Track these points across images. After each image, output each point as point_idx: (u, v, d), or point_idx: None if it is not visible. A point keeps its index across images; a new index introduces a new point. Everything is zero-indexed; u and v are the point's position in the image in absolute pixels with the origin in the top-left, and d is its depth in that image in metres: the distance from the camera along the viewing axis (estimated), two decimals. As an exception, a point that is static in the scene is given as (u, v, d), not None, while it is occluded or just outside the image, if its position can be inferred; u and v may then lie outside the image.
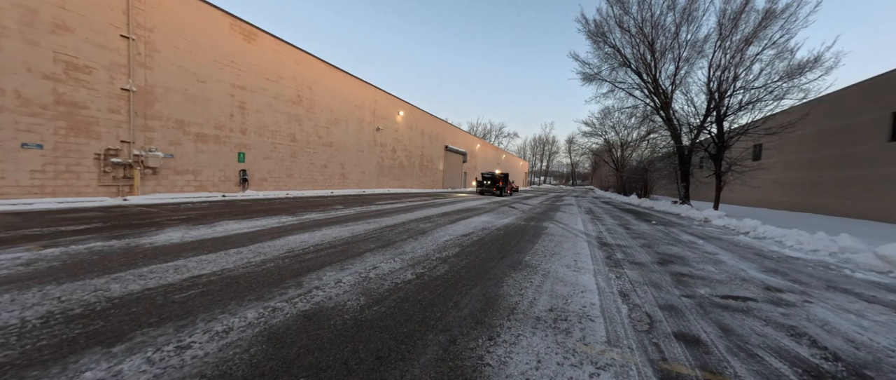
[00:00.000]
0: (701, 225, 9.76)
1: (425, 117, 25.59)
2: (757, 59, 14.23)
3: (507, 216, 9.73)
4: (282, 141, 13.15)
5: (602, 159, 50.76)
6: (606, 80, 19.22)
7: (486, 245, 5.30)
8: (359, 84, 17.42)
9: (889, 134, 12.65)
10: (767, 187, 19.27)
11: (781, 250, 5.88)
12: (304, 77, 13.91)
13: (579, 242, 5.90)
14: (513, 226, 7.69)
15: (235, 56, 11.05)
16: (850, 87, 14.68)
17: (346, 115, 16.58)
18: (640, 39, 17.43)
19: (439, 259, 4.24)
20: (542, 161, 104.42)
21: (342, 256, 4.14)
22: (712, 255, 5.31)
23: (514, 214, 10.62)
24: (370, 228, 6.27)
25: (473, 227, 7.22)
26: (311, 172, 14.60)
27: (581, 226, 8.27)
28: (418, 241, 5.37)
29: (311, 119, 14.52)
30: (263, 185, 12.38)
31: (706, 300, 3.11)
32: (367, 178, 18.55)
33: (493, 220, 8.69)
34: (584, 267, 4.18)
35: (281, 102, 12.99)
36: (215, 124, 10.61)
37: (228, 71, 10.88)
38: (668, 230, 8.19)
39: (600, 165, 60.13)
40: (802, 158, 17.25)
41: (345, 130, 16.62)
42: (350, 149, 17.08)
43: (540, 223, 8.45)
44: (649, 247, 5.76)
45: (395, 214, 8.60)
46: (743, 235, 7.59)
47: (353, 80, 16.94)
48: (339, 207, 9.46)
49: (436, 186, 28.23)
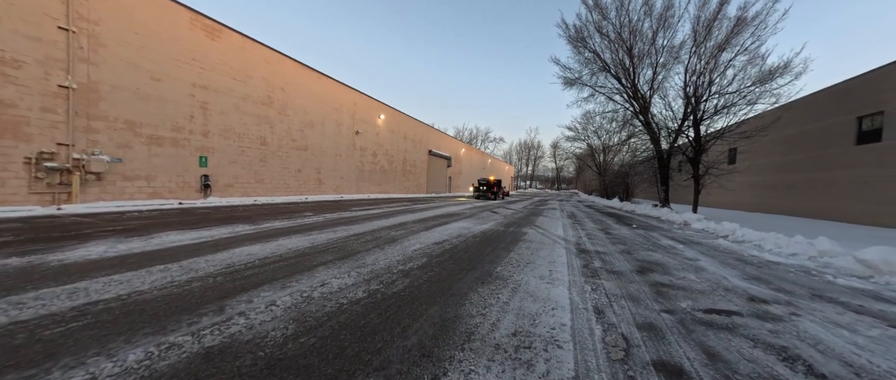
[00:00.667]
0: (681, 229, 9.68)
1: (408, 121, 25.17)
2: (730, 64, 14.54)
3: (486, 222, 9.39)
4: (250, 144, 12.44)
5: (585, 164, 51.59)
6: (587, 84, 19.35)
7: (458, 254, 4.91)
8: (336, 86, 16.86)
9: (855, 137, 13.07)
10: (742, 190, 19.74)
11: (761, 255, 5.74)
12: (276, 77, 13.27)
13: (557, 250, 5.59)
14: (491, 232, 7.34)
15: (197, 53, 10.36)
16: (818, 93, 15.19)
17: (322, 117, 15.97)
18: (618, 44, 17.63)
19: (401, 272, 3.82)
20: (527, 166, 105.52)
21: (290, 271, 3.66)
22: (693, 261, 5.08)
23: (494, 219, 10.30)
24: (335, 237, 5.78)
25: (449, 234, 6.82)
26: (284, 177, 13.90)
27: (561, 231, 8.00)
28: (384, 251, 4.93)
29: (284, 121, 13.86)
30: (229, 191, 11.63)
31: (688, 316, 2.80)
32: (345, 183, 17.92)
33: (471, 226, 8.33)
34: (559, 278, 3.83)
35: (249, 104, 12.31)
36: (173, 126, 9.86)
37: (188, 69, 10.17)
38: (649, 235, 8.02)
39: (584, 170, 61.10)
40: (775, 162, 17.75)
41: (321, 133, 16.00)
42: (327, 153, 16.45)
43: (520, 229, 8.14)
44: (629, 253, 5.50)
45: (367, 222, 8.12)
46: (722, 239, 7.49)
47: (329, 82, 16.38)
48: (309, 215, 8.90)
49: (419, 191, 27.76)
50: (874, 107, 12.17)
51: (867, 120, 12.64)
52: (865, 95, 12.61)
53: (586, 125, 39.84)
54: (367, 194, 19.59)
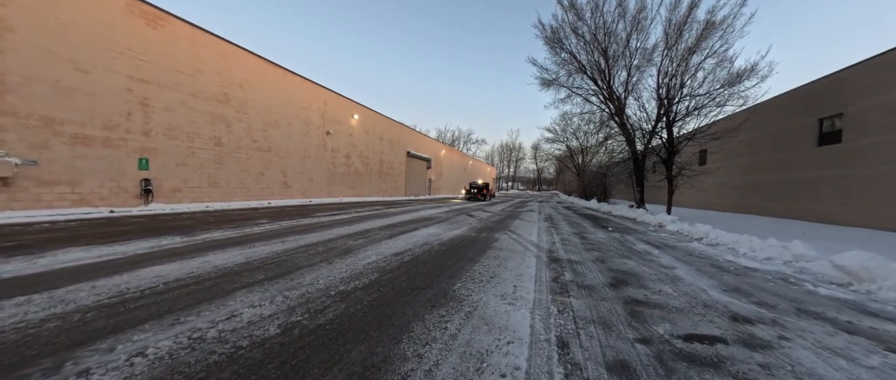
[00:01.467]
0: (656, 231, 9.52)
1: (384, 122, 24.41)
2: (700, 67, 14.76)
3: (459, 226, 8.89)
4: (202, 145, 11.40)
5: (565, 165, 52.35)
6: (564, 85, 19.31)
7: (416, 268, 4.35)
8: (303, 84, 15.93)
9: (817, 139, 13.49)
10: (712, 190, 20.24)
11: (737, 260, 5.50)
12: (233, 73, 12.27)
13: (527, 259, 5.13)
14: (460, 238, 6.82)
15: (135, 43, 9.28)
16: (782, 95, 15.68)
17: (288, 117, 15.02)
18: (594, 46, 17.65)
19: (339, 295, 3.22)
20: (509, 167, 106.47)
21: (198, 298, 2.99)
22: (669, 269, 4.74)
23: (469, 223, 9.81)
24: (279, 250, 5.09)
25: (414, 242, 6.25)
26: (244, 180, 12.89)
27: (535, 236, 7.60)
28: (331, 266, 4.31)
29: (243, 120, 12.86)
30: (177, 196, 10.56)
31: (667, 347, 2.36)
32: (315, 186, 16.98)
33: (441, 232, 7.79)
34: (523, 297, 3.34)
35: (201, 100, 11.28)
36: (104, 124, 8.76)
37: (124, 60, 9.08)
38: (624, 238, 7.74)
39: (563, 171, 62.08)
40: (743, 163, 18.25)
41: (287, 133, 15.04)
42: (294, 154, 15.49)
43: (492, 234, 7.67)
44: (603, 262, 5.11)
45: (327, 229, 7.42)
46: (697, 242, 7.30)
47: (295, 79, 15.43)
48: (262, 222, 8.09)
49: (397, 193, 27.01)
50: (835, 109, 12.58)
51: (828, 122, 13.07)
52: (827, 97, 13.03)
53: (565, 127, 40.39)
54: (339, 198, 18.70)
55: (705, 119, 14.02)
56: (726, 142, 15.15)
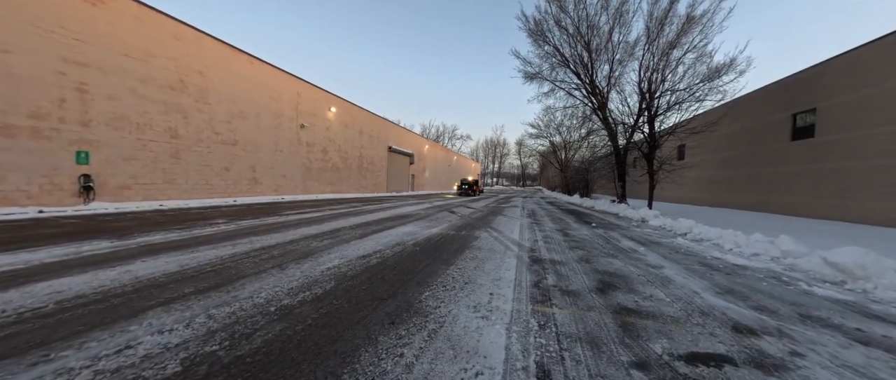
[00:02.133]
0: (639, 226, 9.34)
1: (364, 115, 23.53)
2: (681, 61, 14.77)
3: (439, 224, 8.40)
4: (155, 137, 10.36)
5: (548, 161, 52.75)
6: (547, 79, 19.06)
7: (382, 273, 3.83)
8: (273, 73, 14.90)
9: (790, 133, 13.75)
10: (691, 185, 20.58)
11: (724, 256, 5.26)
12: (190, 58, 11.20)
13: (507, 260, 4.70)
14: (437, 238, 6.33)
15: (69, 20, 8.18)
16: (757, 91, 15.94)
17: (257, 108, 14.02)
18: (577, 39, 17.44)
19: (279, 311, 2.67)
20: (494, 163, 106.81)
21: (92, 322, 2.37)
22: (657, 269, 4.41)
23: (450, 220, 9.34)
24: (227, 255, 4.45)
25: (385, 242, 5.72)
26: (206, 176, 11.90)
27: (517, 234, 7.20)
28: (284, 273, 3.73)
29: (205, 111, 11.84)
30: (125, 194, 9.55)
31: (668, 375, 1.94)
32: (288, 182, 16.06)
33: (418, 230, 7.28)
34: (499, 308, 2.89)
35: (152, 88, 10.22)
36: (31, 112, 7.68)
37: (55, 40, 7.97)
38: (608, 235, 7.47)
39: (547, 167, 62.66)
40: (721, 157, 18.58)
41: (255, 125, 14.06)
42: (264, 148, 14.53)
43: (472, 232, 7.22)
44: (588, 262, 4.74)
45: (292, 229, 6.77)
46: (681, 238, 7.09)
47: (264, 67, 14.41)
48: (220, 222, 7.33)
49: (379, 189, 26.24)
50: (808, 104, 12.81)
51: (801, 116, 13.32)
52: (800, 92, 13.26)
53: (548, 123, 40.53)
54: (316, 195, 17.83)
55: (686, 113, 14.05)
56: (704, 137, 15.29)
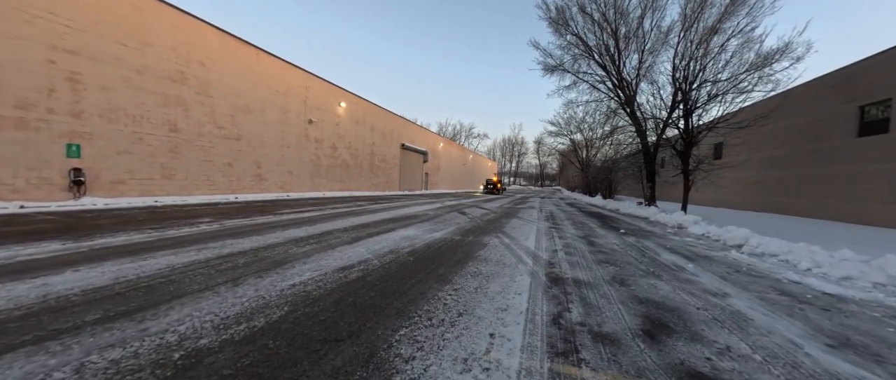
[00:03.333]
0: (677, 234, 8.07)
1: (376, 111, 22.91)
2: (723, 48, 13.16)
3: (445, 227, 7.50)
4: (153, 130, 9.98)
5: (568, 160, 50.79)
6: (569, 70, 17.71)
7: (354, 296, 2.98)
8: (281, 66, 14.39)
9: (856, 129, 11.91)
10: (730, 187, 18.66)
11: (805, 280, 4.06)
12: (191, 49, 10.76)
13: (519, 279, 3.73)
14: (439, 244, 5.44)
15: (59, 6, 7.79)
16: (812, 81, 14.04)
17: (263, 102, 13.56)
18: (603, 27, 16.03)
19: (184, 359, 1.85)
20: (511, 162, 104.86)
21: None
22: (721, 298, 3.32)
23: (457, 222, 8.42)
24: (182, 263, 3.73)
25: (377, 249, 4.88)
26: (208, 171, 11.50)
27: (533, 241, 6.19)
28: (234, 291, 2.96)
29: (207, 104, 11.43)
30: (120, 189, 9.20)
31: None
32: (295, 179, 15.59)
33: (420, 234, 6.41)
34: (501, 365, 1.95)
35: (150, 79, 9.82)
36: (16, 102, 7.33)
37: (43, 26, 7.61)
38: (642, 245, 6.32)
39: (567, 166, 60.47)
40: (766, 156, 16.66)
41: (261, 120, 13.60)
42: (270, 144, 14.08)
43: (481, 238, 6.28)
44: (623, 283, 3.71)
45: (277, 231, 6.06)
46: (735, 251, 5.86)
47: (271, 60, 13.93)
48: (204, 222, 6.73)
49: (391, 187, 25.62)
50: (880, 94, 10.97)
51: (871, 109, 11.46)
52: (870, 81, 11.41)
53: (569, 120, 38.73)
54: (323, 192, 17.32)
55: (731, 106, 12.43)
56: (746, 133, 13.60)
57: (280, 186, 14.61)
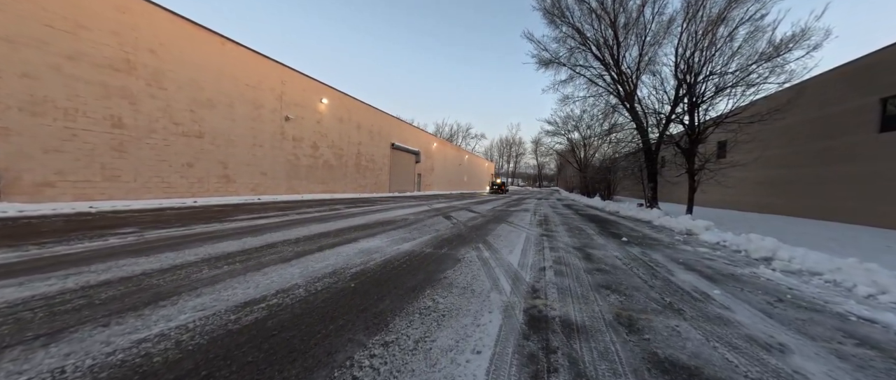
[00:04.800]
0: (687, 242, 7.00)
1: (363, 109, 21.79)
2: (731, 37, 12.15)
3: (420, 236, 6.41)
4: (90, 125, 8.84)
5: (566, 160, 49.96)
6: (565, 64, 16.68)
7: (219, 362, 1.87)
8: (252, 58, 13.26)
9: (879, 124, 10.89)
10: (738, 187, 17.64)
11: (880, 316, 2.99)
12: (139, 34, 9.59)
13: (483, 322, 2.64)
14: (402, 260, 4.34)
15: (-40, -21, 6.72)
16: (827, 73, 13.04)
17: (229, 96, 12.43)
18: (601, 16, 15.01)
19: None
20: (508, 162, 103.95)
21: None
22: (779, 355, 2.25)
23: (437, 229, 7.32)
24: (20, 299, 2.61)
25: (314, 271, 3.78)
26: (162, 172, 10.35)
27: (517, 255, 5.11)
28: (39, 356, 1.83)
29: (160, 97, 10.30)
30: (48, 193, 8.06)
31: None
32: (270, 181, 14.45)
33: (384, 246, 5.32)
34: None
35: (85, 66, 8.68)
36: None
37: (-58, 2, 6.51)
38: (650, 259, 5.24)
39: (565, 167, 59.56)
40: (775, 154, 15.65)
41: (228, 116, 12.47)
42: (239, 143, 12.94)
43: (457, 250, 5.19)
44: (631, 328, 2.62)
45: (207, 244, 4.95)
46: (764, 267, 4.78)
47: (240, 51, 12.80)
48: (119, 234, 5.60)
49: (380, 189, 24.50)
50: (906, 85, 9.97)
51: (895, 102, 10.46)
52: (893, 72, 10.41)
53: (566, 119, 37.79)
54: (302, 195, 16.18)
55: (740, 99, 11.41)
56: (756, 129, 12.60)
57: (251, 189, 13.47)
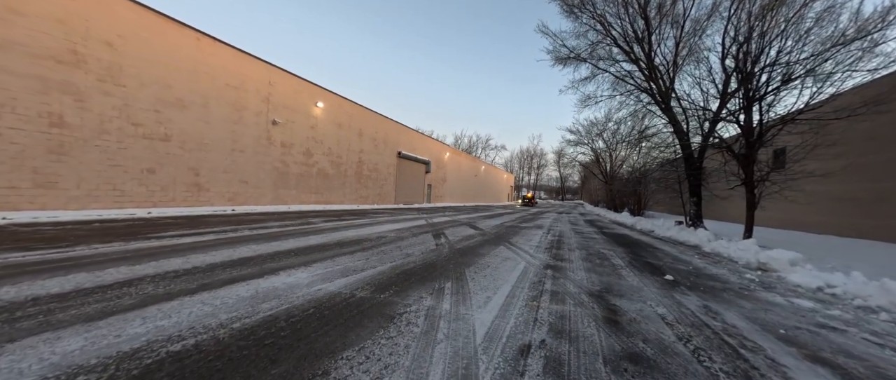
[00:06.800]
0: (768, 286, 4.68)
1: (365, 115, 20.54)
2: (799, 17, 9.70)
3: (379, 263, 4.55)
4: (21, 124, 7.77)
5: (591, 171, 47.00)
6: (586, 59, 14.57)
7: None
8: (233, 55, 12.18)
9: None
10: (802, 203, 14.49)
11: None
12: (91, 23, 8.55)
13: None
14: (301, 316, 2.49)
15: None
16: (933, 58, 10.10)
17: (204, 96, 11.34)
18: (629, 3, 12.90)
19: None
20: (529, 174, 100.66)
21: None
22: None
23: (410, 253, 5.44)
24: None
25: (126, 338, 1.98)
26: (114, 179, 9.21)
27: (496, 307, 3.12)
28: None
29: (115, 94, 9.26)
30: (-47, 201, 7.00)
31: None
32: (252, 190, 13.19)
33: (305, 283, 3.51)
34: None
35: (16, 57, 7.65)
36: None
37: None
38: (721, 321, 3.08)
39: (589, 179, 56.19)
40: (857, 164, 12.59)
41: (202, 118, 11.35)
42: (215, 147, 11.79)
43: (408, 294, 3.28)
44: None
45: (42, 277, 3.36)
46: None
47: (219, 48, 11.77)
48: None
49: (385, 200, 22.98)
50: None
51: None
52: None
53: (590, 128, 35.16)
54: (289, 206, 14.84)
55: (822, 88, 8.85)
56: (841, 129, 9.88)
57: (228, 198, 12.23)
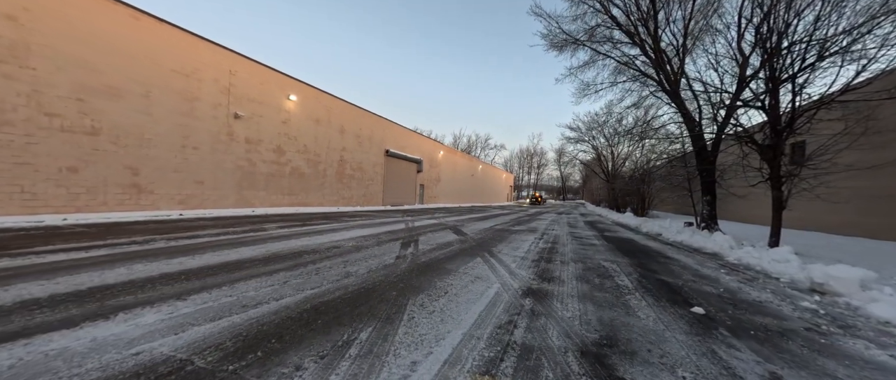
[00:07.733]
0: (844, 324, 3.23)
1: (347, 109, 19.15)
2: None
3: (294, 292, 3.11)
4: None
5: (592, 170, 45.55)
6: (585, 43, 13.14)
7: None
8: (183, 38, 10.67)
9: None
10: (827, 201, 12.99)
11: None
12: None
13: None
14: None
15: None
16: None
17: (145, 84, 9.92)
18: (631, -23, 11.48)
19: None
20: (529, 174, 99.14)
21: None
22: None
23: (354, 271, 4.02)
24: None
25: None
26: (22, 179, 7.82)
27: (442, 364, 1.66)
28: None
29: (23, 79, 7.86)
30: None
31: None
32: (209, 191, 11.80)
33: (152, 335, 2.05)
34: None
35: None
36: None
37: None
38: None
39: (591, 178, 54.74)
40: (888, 157, 11.11)
41: (142, 109, 9.95)
42: (161, 143, 10.40)
43: (286, 357, 1.83)
44: None
45: None
46: None
47: (164, 29, 10.31)
48: None
49: (371, 201, 21.58)
50: None
51: None
52: None
53: (590, 124, 33.77)
54: (255, 208, 13.45)
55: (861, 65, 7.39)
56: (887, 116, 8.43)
57: (179, 201, 10.84)
